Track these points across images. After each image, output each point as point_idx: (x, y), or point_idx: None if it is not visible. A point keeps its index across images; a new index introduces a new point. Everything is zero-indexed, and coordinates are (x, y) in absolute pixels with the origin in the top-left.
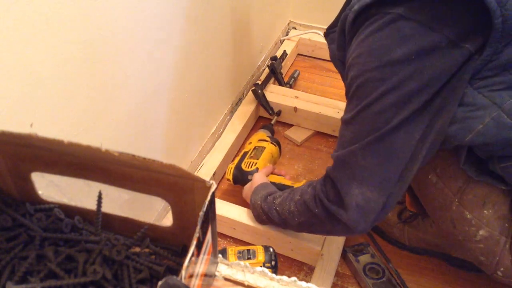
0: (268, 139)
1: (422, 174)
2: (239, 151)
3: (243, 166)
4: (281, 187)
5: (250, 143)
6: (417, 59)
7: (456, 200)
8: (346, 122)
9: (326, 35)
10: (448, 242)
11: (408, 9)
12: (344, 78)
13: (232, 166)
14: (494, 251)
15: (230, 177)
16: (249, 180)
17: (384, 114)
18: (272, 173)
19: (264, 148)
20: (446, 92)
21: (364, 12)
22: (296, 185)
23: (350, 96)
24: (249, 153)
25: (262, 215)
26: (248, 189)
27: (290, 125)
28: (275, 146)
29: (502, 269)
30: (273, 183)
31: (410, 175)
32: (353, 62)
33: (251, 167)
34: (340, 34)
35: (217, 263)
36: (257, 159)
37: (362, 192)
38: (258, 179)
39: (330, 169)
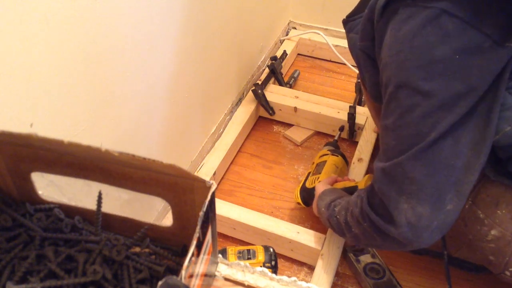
0: (328, 152)
1: None
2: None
3: (307, 184)
4: (346, 190)
5: (313, 163)
6: (461, 59)
7: (470, 199)
8: (387, 128)
9: (345, 23)
10: (454, 241)
11: (451, 4)
12: (364, 70)
13: (298, 189)
14: (504, 251)
15: (299, 200)
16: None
17: (429, 119)
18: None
19: (325, 161)
20: (491, 94)
21: (395, 2)
22: (360, 183)
23: (389, 98)
24: (312, 172)
25: (327, 223)
26: (314, 202)
27: (290, 125)
28: (337, 156)
29: (511, 269)
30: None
31: (467, 187)
32: (390, 60)
33: (314, 183)
34: (366, 22)
35: (217, 263)
36: (319, 173)
37: (412, 207)
38: (320, 187)
39: (375, 181)
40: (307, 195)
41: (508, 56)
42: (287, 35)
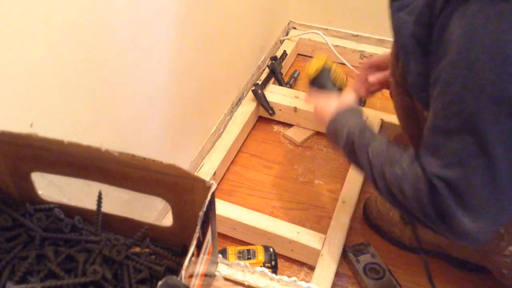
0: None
1: None
2: None
3: (332, 75)
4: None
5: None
6: None
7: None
8: (450, 131)
9: (393, 1)
10: (468, 250)
11: None
12: (412, 57)
13: (320, 62)
14: None
15: (314, 73)
16: (328, 85)
17: (500, 127)
18: None
19: (344, 78)
20: None
21: None
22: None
23: (452, 99)
24: (334, 68)
25: (342, 143)
26: (332, 101)
27: (290, 125)
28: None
29: None
30: None
31: None
32: (458, 57)
33: (337, 79)
34: (425, 7)
35: (217, 263)
36: (344, 78)
37: (472, 220)
38: (349, 99)
39: (436, 186)
40: (324, 77)
41: None
42: (287, 35)
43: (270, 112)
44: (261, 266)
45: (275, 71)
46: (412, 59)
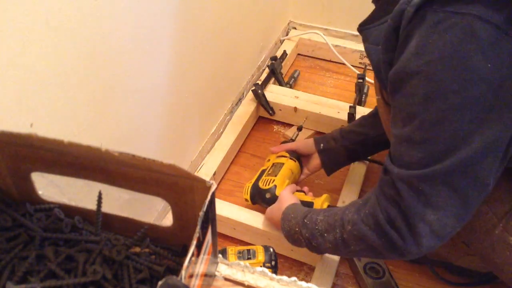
0: (287, 155)
1: None
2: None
3: (260, 184)
4: (303, 204)
5: (269, 160)
6: (493, 68)
7: (501, 225)
8: (411, 139)
9: (360, 31)
10: (471, 259)
11: (484, 9)
12: (386, 82)
13: (249, 185)
14: None
15: (248, 197)
16: (266, 198)
17: (462, 133)
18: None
19: (283, 164)
20: None
21: (423, 7)
22: (316, 201)
23: (415, 108)
24: (266, 171)
25: (302, 242)
26: (275, 210)
27: (290, 125)
28: (295, 161)
29: None
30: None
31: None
32: (418, 70)
33: (268, 185)
34: (391, 33)
35: (217, 263)
36: (275, 176)
37: (438, 218)
38: (286, 198)
39: (393, 193)
40: (257, 194)
41: None
42: (287, 35)
43: (270, 112)
44: (261, 266)
45: (275, 71)
46: (386, 79)
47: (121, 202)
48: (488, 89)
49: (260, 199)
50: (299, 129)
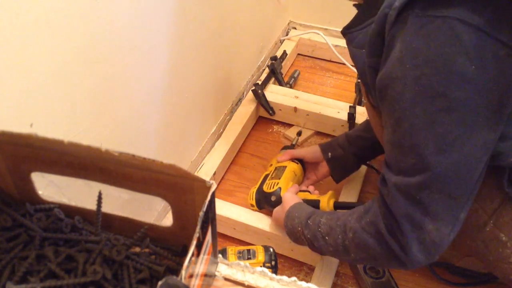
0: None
1: None
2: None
3: (264, 188)
4: (307, 202)
5: (271, 165)
6: (480, 71)
7: (491, 222)
8: (401, 145)
9: (344, 34)
10: (472, 260)
11: (465, 12)
12: (372, 87)
13: (253, 190)
14: None
15: (253, 202)
16: (272, 201)
17: (451, 135)
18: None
19: (285, 167)
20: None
21: (405, 11)
22: (322, 199)
23: (402, 113)
24: (270, 175)
25: (304, 241)
26: (280, 211)
27: (290, 125)
28: (297, 164)
29: None
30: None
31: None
32: (403, 75)
33: (273, 188)
34: (375, 37)
35: (217, 263)
36: (279, 178)
37: (437, 228)
38: (289, 199)
39: (392, 203)
40: (262, 198)
41: None
42: (287, 35)
43: (270, 112)
44: (261, 266)
45: (275, 71)
46: (371, 84)
47: (121, 202)
48: (474, 91)
49: (266, 202)
50: (299, 134)
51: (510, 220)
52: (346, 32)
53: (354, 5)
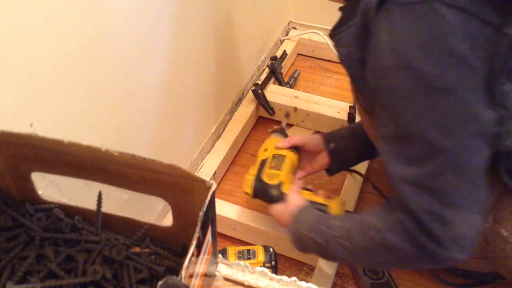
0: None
1: None
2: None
3: (264, 178)
4: (314, 207)
5: (266, 149)
6: (471, 49)
7: (491, 217)
8: (405, 135)
9: (332, 36)
10: (475, 260)
11: None
12: (362, 82)
13: (250, 177)
14: None
15: (250, 190)
16: (273, 196)
17: (454, 115)
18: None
19: (284, 157)
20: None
21: (387, 2)
22: (332, 204)
23: (402, 101)
24: (268, 163)
25: (311, 248)
26: (282, 211)
27: (290, 125)
28: (296, 154)
29: None
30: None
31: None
32: (398, 64)
33: (273, 180)
34: (361, 30)
35: (217, 263)
36: (279, 169)
37: (465, 219)
38: (294, 199)
39: (411, 203)
40: (261, 189)
41: (507, 43)
42: (287, 35)
43: (270, 112)
44: (261, 266)
45: (275, 71)
46: (360, 81)
47: (121, 202)
48: (468, 70)
49: (265, 195)
50: (286, 115)
51: (510, 215)
52: (334, 34)
53: (339, 8)
